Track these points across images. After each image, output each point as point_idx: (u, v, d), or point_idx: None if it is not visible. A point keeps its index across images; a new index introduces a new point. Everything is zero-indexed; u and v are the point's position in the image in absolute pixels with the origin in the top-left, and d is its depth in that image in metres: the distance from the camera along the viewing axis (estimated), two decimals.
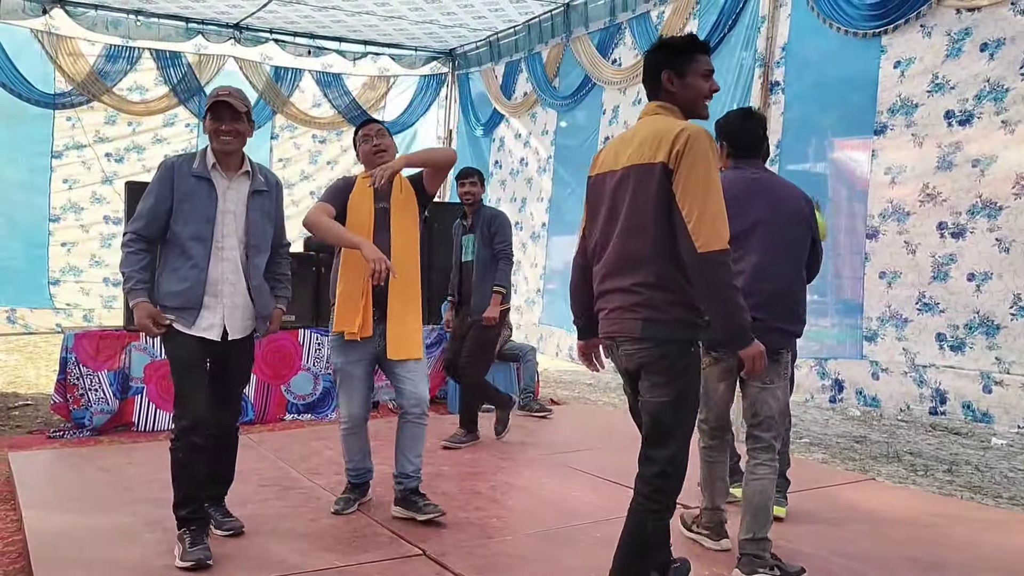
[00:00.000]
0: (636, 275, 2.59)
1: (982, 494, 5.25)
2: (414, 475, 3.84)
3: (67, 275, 10.13)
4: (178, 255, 3.36)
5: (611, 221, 2.69)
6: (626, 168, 2.64)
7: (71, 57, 9.47)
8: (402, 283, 3.71)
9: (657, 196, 2.53)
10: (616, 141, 2.81)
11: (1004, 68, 4.76)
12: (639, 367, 2.64)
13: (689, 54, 2.72)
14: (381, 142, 3.85)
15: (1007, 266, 4.69)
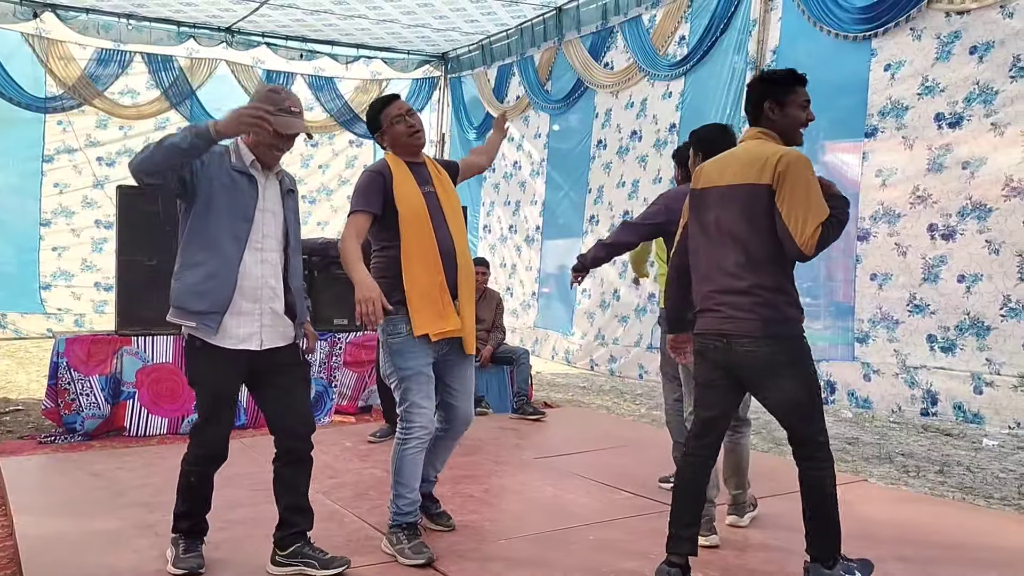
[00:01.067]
0: (752, 279, 2.98)
1: (973, 495, 5.27)
2: (433, 480, 3.74)
3: (58, 280, 10.09)
4: (203, 249, 3.03)
5: (720, 231, 3.06)
6: (732, 185, 3.04)
7: (62, 61, 9.45)
8: (466, 273, 3.44)
9: (767, 211, 2.96)
10: (720, 159, 3.17)
11: (993, 71, 4.79)
12: (765, 364, 2.97)
13: (790, 86, 3.10)
14: (415, 122, 3.50)
15: (997, 267, 4.72)
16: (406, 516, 3.38)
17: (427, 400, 3.36)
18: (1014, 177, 4.67)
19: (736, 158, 3.09)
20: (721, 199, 3.06)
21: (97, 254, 10.19)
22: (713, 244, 3.08)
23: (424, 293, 3.31)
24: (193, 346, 3.07)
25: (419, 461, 3.37)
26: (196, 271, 3.03)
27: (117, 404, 5.79)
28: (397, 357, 3.36)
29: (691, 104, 7.15)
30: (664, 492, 4.38)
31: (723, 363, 3.07)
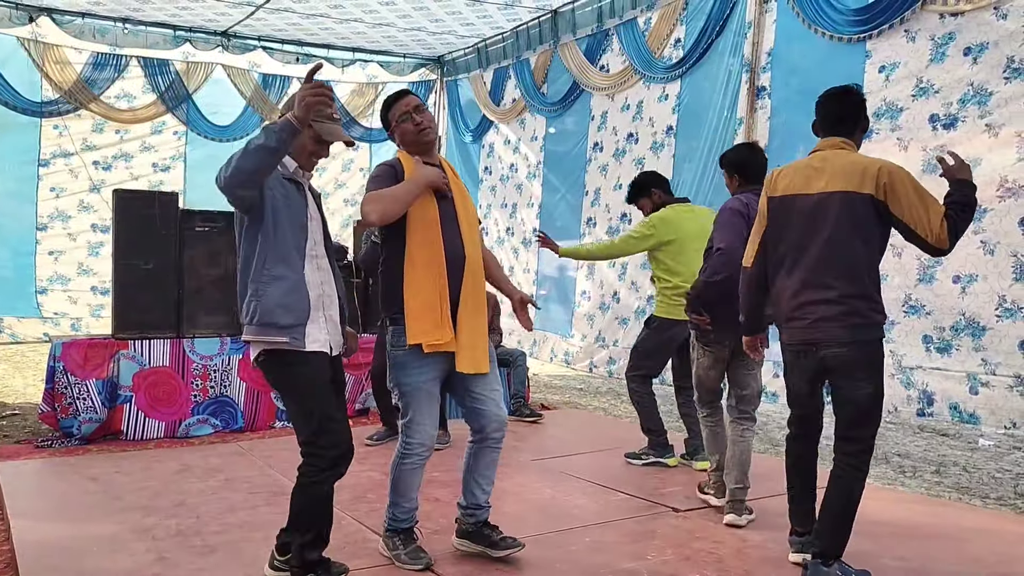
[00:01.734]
0: (841, 287, 3.11)
1: (970, 495, 5.28)
2: (487, 505, 3.44)
3: (54, 284, 10.08)
4: (280, 262, 2.93)
5: (810, 238, 3.16)
6: (826, 193, 3.13)
7: (58, 65, 9.45)
8: (473, 285, 3.24)
9: (864, 220, 3.09)
10: (800, 167, 3.26)
11: (988, 72, 4.81)
12: (849, 366, 3.13)
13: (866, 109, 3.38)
14: (423, 119, 3.32)
15: (992, 268, 4.74)
16: (401, 523, 3.37)
17: (427, 417, 3.26)
18: (1008, 178, 4.68)
19: (830, 165, 3.18)
20: (816, 207, 3.15)
21: (94, 258, 10.17)
22: (801, 252, 3.19)
23: (424, 302, 3.17)
24: (283, 362, 2.94)
25: (416, 476, 3.32)
26: (279, 285, 2.92)
27: (114, 408, 5.78)
28: (399, 370, 3.26)
29: (687, 107, 7.17)
30: (660, 493, 4.38)
31: (812, 369, 3.25)
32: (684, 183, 7.04)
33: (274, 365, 2.97)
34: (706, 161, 6.79)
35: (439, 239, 3.20)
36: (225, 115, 10.35)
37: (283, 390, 3.05)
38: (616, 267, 7.78)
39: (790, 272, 3.22)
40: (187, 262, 5.99)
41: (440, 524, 3.80)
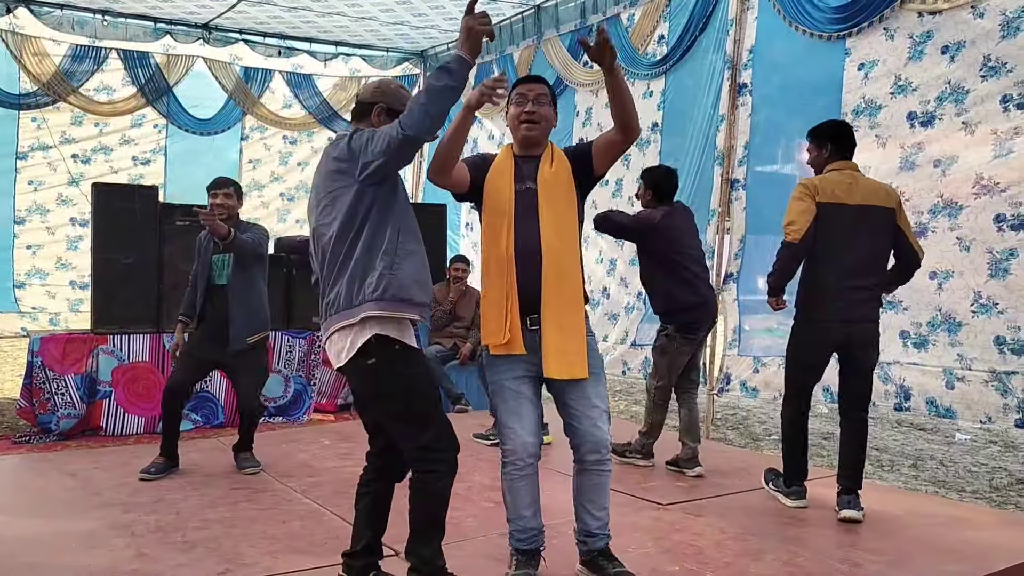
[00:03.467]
0: (874, 278, 4.08)
1: (946, 488, 5.35)
2: (600, 532, 3.13)
3: (33, 278, 9.96)
4: (412, 236, 2.83)
5: (855, 237, 4.00)
6: (865, 205, 4.02)
7: (36, 57, 9.32)
8: (557, 281, 3.02)
9: (887, 228, 4.08)
10: (837, 180, 4.06)
11: (964, 70, 4.86)
12: (870, 339, 4.08)
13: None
14: (532, 110, 3.12)
15: (968, 264, 4.79)
16: (518, 542, 3.14)
17: (515, 420, 3.04)
18: (984, 175, 4.73)
19: (859, 183, 4.08)
20: (859, 215, 3.99)
21: (72, 252, 10.06)
22: (846, 248, 3.98)
23: (492, 300, 3.06)
24: (400, 358, 2.77)
25: (519, 489, 3.07)
26: (414, 260, 2.81)
27: (93, 403, 5.75)
28: (487, 368, 3.16)
29: (672, 103, 7.19)
30: (643, 488, 4.41)
31: (838, 342, 4.07)
32: None
33: (388, 358, 2.75)
34: (691, 158, 6.82)
35: (510, 233, 3.03)
36: (206, 108, 10.26)
37: (396, 389, 2.80)
38: (604, 263, 7.79)
39: (835, 262, 4.00)
40: (167, 256, 5.96)
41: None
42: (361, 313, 2.71)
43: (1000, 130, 4.68)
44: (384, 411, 2.86)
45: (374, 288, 2.71)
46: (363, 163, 2.73)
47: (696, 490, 4.44)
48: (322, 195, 2.84)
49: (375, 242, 2.76)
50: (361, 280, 2.73)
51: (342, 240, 2.76)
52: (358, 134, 2.81)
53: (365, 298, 2.72)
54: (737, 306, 6.24)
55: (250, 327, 4.70)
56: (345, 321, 2.74)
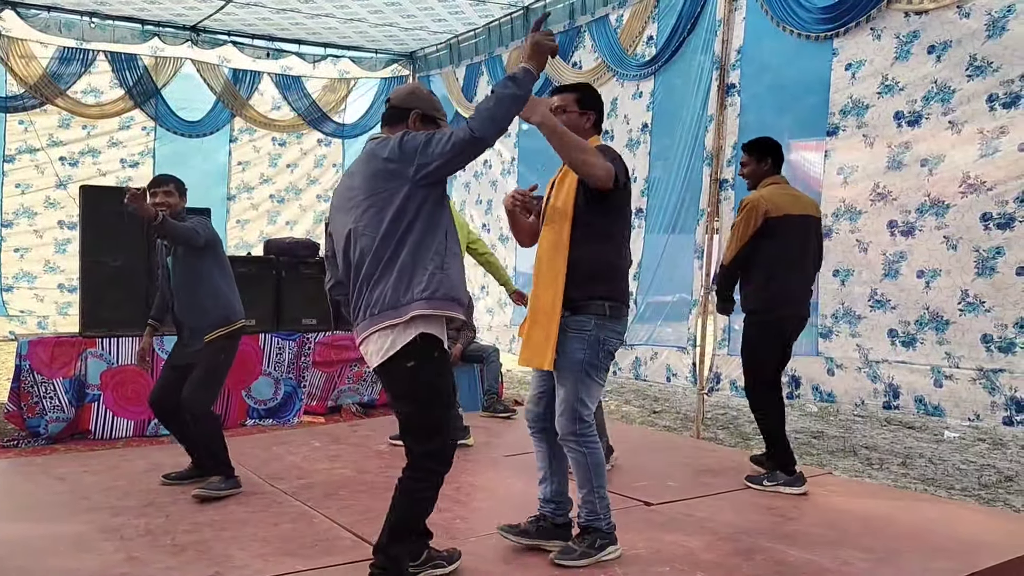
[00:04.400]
0: (813, 280, 4.72)
1: (935, 486, 5.38)
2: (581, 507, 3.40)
3: (20, 281, 9.91)
4: (455, 240, 2.94)
5: (806, 243, 4.58)
6: (806, 215, 4.57)
7: (23, 59, 9.27)
8: (539, 282, 3.34)
9: (819, 236, 4.77)
10: (783, 194, 4.57)
11: (951, 70, 4.88)
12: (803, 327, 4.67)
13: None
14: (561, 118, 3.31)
15: (955, 263, 4.82)
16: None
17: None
18: (971, 174, 4.76)
19: (798, 196, 4.65)
20: (804, 223, 4.52)
21: (60, 255, 10.02)
22: (802, 254, 4.54)
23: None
24: (437, 359, 2.86)
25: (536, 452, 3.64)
26: (458, 261, 2.94)
27: (81, 407, 5.72)
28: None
29: (662, 104, 7.20)
30: (633, 488, 4.42)
31: (791, 334, 4.62)
32: (659, 180, 7.08)
33: (425, 363, 2.83)
34: (680, 159, 6.84)
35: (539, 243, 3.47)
36: (195, 110, 10.23)
37: (424, 394, 2.87)
38: None
39: (795, 266, 4.51)
40: (155, 259, 5.93)
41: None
42: (411, 312, 2.77)
43: (986, 129, 4.71)
44: (406, 411, 2.96)
45: (424, 287, 2.79)
46: (420, 164, 2.79)
47: (686, 489, 4.45)
48: (363, 196, 2.87)
49: (424, 243, 2.83)
50: (409, 280, 2.80)
51: (388, 240, 2.81)
52: (410, 136, 2.86)
53: (414, 297, 2.78)
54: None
55: (204, 324, 4.29)
56: (391, 320, 2.80)
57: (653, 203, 7.13)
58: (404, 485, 2.91)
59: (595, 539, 3.34)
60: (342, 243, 2.95)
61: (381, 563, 2.90)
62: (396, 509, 2.92)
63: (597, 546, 3.33)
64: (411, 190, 2.81)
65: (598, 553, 3.32)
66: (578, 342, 3.26)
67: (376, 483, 4.43)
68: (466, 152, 2.77)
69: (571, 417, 3.28)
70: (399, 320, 2.78)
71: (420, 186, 2.81)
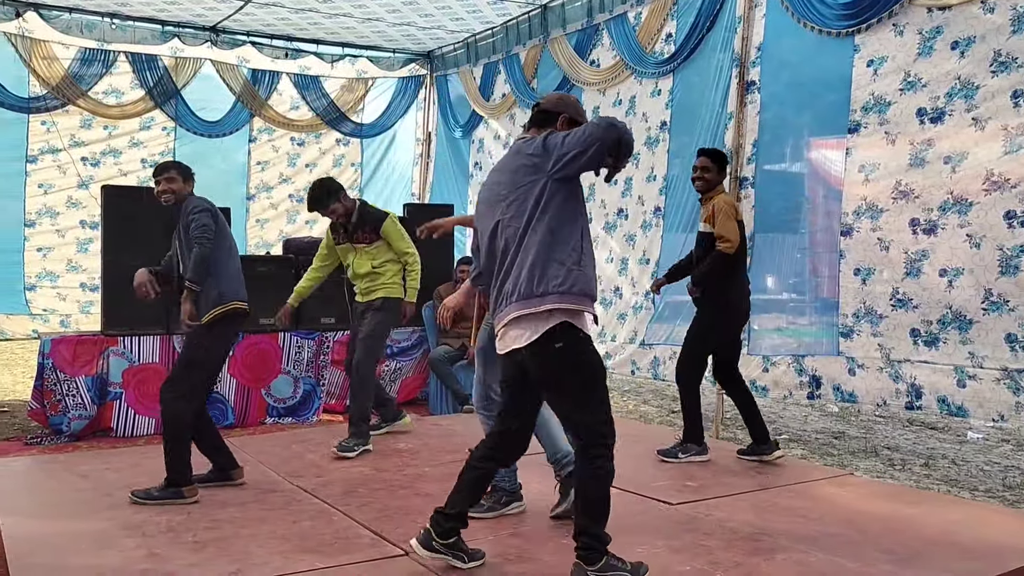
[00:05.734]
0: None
1: (959, 487, 5.32)
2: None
3: (43, 280, 10.02)
4: (587, 237, 3.09)
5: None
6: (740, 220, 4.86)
7: (45, 61, 9.38)
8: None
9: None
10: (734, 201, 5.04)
11: (974, 66, 4.83)
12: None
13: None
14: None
15: (978, 262, 4.76)
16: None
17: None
18: (995, 171, 4.70)
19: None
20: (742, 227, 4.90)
21: (82, 255, 10.12)
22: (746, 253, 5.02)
23: None
24: (582, 343, 3.00)
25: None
26: (592, 259, 3.09)
27: (103, 404, 5.77)
28: None
29: (680, 102, 7.17)
30: (652, 487, 4.39)
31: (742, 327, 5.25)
32: (678, 178, 7.04)
33: (573, 343, 2.97)
34: None
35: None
36: (214, 111, 10.31)
37: (577, 374, 3.01)
38: (615, 262, 7.78)
39: (744, 264, 4.94)
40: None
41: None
42: (546, 305, 2.92)
43: (1010, 126, 4.65)
44: (566, 393, 3.03)
45: (561, 281, 2.93)
46: (558, 156, 2.94)
47: (706, 489, 4.43)
48: (508, 190, 3.06)
49: (558, 236, 2.97)
50: (543, 271, 2.94)
51: (527, 232, 2.98)
52: (553, 134, 3.04)
53: (549, 290, 2.92)
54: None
55: (201, 304, 4.12)
56: (528, 310, 2.94)
57: (671, 201, 7.10)
58: (585, 466, 3.03)
59: (501, 496, 3.86)
60: (487, 236, 3.14)
61: (586, 544, 2.99)
62: (583, 490, 3.04)
63: (503, 502, 3.86)
64: (547, 183, 2.97)
65: (503, 508, 3.85)
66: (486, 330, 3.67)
67: (394, 481, 4.44)
68: (596, 138, 2.88)
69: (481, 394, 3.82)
70: (536, 310, 2.93)
71: (556, 180, 2.96)
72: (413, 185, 11.55)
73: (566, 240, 2.97)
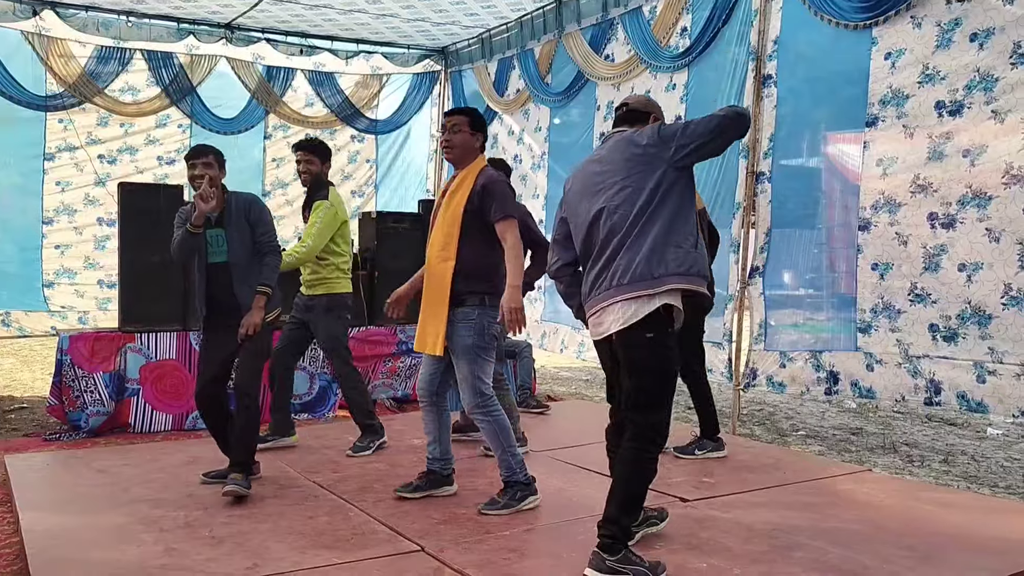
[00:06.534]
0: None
1: (978, 483, 5.27)
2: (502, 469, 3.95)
3: (61, 277, 10.11)
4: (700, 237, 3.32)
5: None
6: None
7: (62, 59, 9.45)
8: (431, 281, 3.91)
9: None
10: None
11: (994, 58, 4.77)
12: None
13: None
14: (448, 137, 3.94)
15: (997, 256, 4.71)
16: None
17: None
18: (1014, 165, 4.65)
19: None
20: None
21: (100, 252, 10.20)
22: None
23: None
24: (667, 331, 3.10)
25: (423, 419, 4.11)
26: (701, 241, 3.24)
27: (121, 401, 5.80)
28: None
29: (695, 96, 7.13)
30: (669, 484, 4.38)
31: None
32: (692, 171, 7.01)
33: (662, 335, 3.08)
34: None
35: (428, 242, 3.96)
36: (229, 108, 10.35)
37: (659, 368, 3.11)
38: None
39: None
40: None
41: (444, 515, 3.81)
42: (668, 284, 3.03)
43: None
44: (639, 382, 3.14)
45: (680, 263, 3.06)
46: (680, 144, 3.08)
47: (722, 486, 4.41)
48: (617, 178, 3.17)
49: (677, 222, 3.10)
50: (661, 254, 3.05)
51: (642, 216, 3.09)
52: (665, 125, 3.24)
53: (670, 271, 3.04)
54: (763, 300, 6.18)
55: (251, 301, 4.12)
56: (643, 291, 3.03)
57: None
58: (630, 455, 3.10)
59: (515, 491, 3.88)
60: (586, 224, 3.23)
61: (612, 533, 3.04)
62: (623, 480, 3.10)
63: (518, 498, 3.87)
64: (666, 172, 3.10)
65: (519, 503, 3.86)
66: (466, 330, 3.80)
67: (410, 477, 4.43)
68: (723, 128, 3.06)
69: (473, 392, 3.81)
70: (653, 291, 3.02)
71: (675, 168, 3.11)
72: (428, 181, 11.56)
73: (683, 225, 3.10)
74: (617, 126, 3.42)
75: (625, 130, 3.32)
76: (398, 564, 3.25)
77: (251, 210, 4.20)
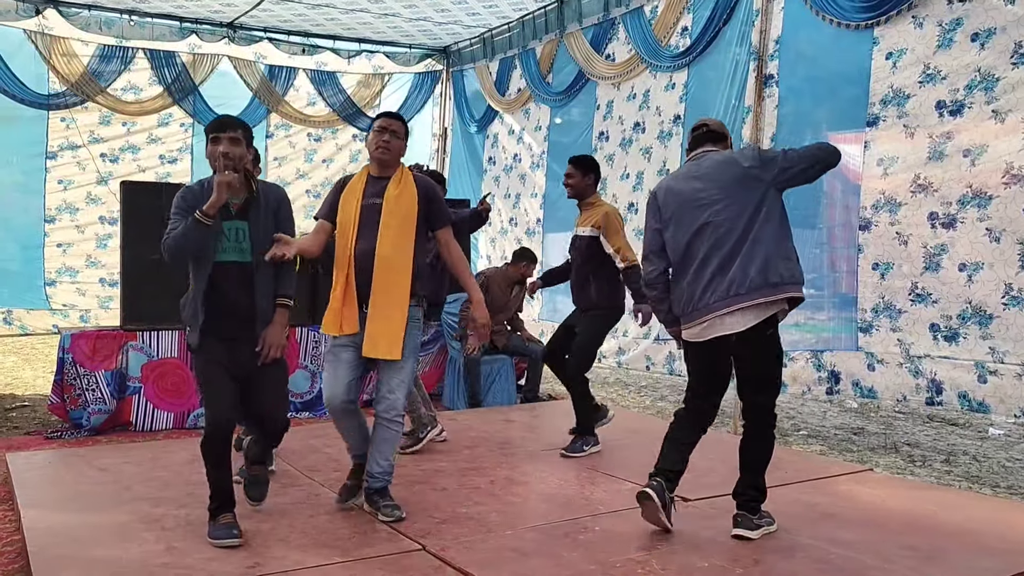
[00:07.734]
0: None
1: (980, 483, 5.27)
2: (380, 476, 3.76)
3: (63, 276, 10.12)
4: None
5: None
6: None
7: (65, 58, 9.46)
8: (385, 281, 3.65)
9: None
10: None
11: (995, 57, 4.77)
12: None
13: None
14: (386, 139, 3.74)
15: (998, 256, 4.71)
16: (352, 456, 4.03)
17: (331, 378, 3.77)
18: (1015, 164, 4.65)
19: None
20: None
21: (102, 250, 10.21)
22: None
23: (333, 296, 3.72)
24: (777, 327, 3.55)
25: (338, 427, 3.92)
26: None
27: (123, 399, 5.81)
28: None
29: (695, 96, 7.13)
30: None
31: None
32: None
33: (775, 332, 3.52)
34: None
35: (350, 243, 3.70)
36: (231, 107, 10.33)
37: (777, 358, 3.61)
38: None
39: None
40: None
41: (446, 514, 3.81)
42: (786, 292, 3.42)
43: None
44: (764, 372, 3.58)
45: (792, 273, 3.45)
46: (782, 167, 3.47)
47: (723, 485, 4.41)
48: (721, 196, 3.49)
49: (782, 235, 3.48)
50: (775, 266, 3.41)
51: (748, 231, 3.42)
52: (763, 149, 3.73)
53: (785, 280, 3.42)
54: None
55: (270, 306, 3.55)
56: (765, 298, 3.39)
57: None
58: (757, 433, 3.61)
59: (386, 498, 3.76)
60: (689, 235, 3.53)
61: (753, 496, 3.59)
62: (753, 452, 3.63)
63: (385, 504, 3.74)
64: (767, 191, 3.46)
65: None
66: (416, 330, 3.78)
67: (411, 476, 4.45)
68: (820, 159, 3.50)
69: (405, 396, 3.77)
70: (774, 297, 3.40)
71: (777, 189, 3.48)
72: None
73: (786, 238, 3.49)
74: (700, 144, 3.70)
75: (714, 149, 3.65)
76: (400, 563, 3.25)
77: (282, 207, 3.59)
